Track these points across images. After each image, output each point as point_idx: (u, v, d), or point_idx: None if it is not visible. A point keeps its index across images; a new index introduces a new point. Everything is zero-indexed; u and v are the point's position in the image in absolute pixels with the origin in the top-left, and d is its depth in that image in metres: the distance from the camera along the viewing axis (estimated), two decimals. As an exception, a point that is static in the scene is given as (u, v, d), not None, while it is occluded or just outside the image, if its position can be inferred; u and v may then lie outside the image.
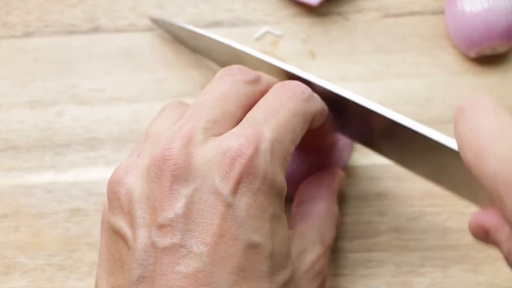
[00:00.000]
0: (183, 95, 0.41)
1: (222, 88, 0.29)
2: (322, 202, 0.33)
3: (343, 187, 0.36)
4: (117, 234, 0.27)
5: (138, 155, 0.28)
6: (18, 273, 0.37)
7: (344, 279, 0.36)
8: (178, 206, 0.25)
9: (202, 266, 0.25)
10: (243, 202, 0.26)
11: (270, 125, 0.27)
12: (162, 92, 0.41)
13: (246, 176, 0.26)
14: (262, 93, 0.30)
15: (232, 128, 0.28)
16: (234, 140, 0.26)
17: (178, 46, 0.42)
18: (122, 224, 0.27)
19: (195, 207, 0.25)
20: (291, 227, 0.31)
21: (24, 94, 0.42)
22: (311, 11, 0.43)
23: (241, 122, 0.28)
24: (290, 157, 0.28)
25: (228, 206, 0.25)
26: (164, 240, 0.25)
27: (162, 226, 0.25)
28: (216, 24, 0.43)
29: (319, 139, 0.34)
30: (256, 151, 0.26)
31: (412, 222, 0.37)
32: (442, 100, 0.40)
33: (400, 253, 0.36)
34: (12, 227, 0.38)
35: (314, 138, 0.33)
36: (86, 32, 0.43)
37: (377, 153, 0.35)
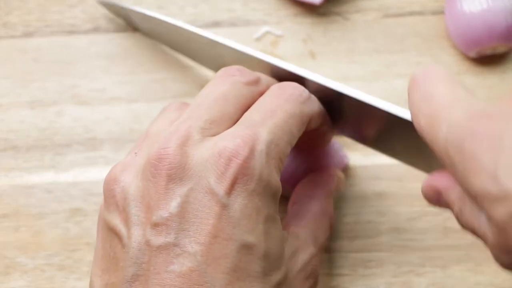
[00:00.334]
0: (183, 95, 0.41)
1: (221, 89, 0.29)
2: (317, 202, 0.33)
3: (342, 188, 0.36)
4: (112, 231, 0.27)
5: (136, 153, 0.29)
6: (18, 273, 0.37)
7: (344, 279, 0.36)
8: (173, 205, 0.25)
9: (196, 265, 0.25)
10: (237, 202, 0.26)
11: (266, 126, 0.27)
12: (162, 92, 0.41)
13: (241, 177, 0.26)
14: (261, 94, 0.30)
15: (229, 128, 0.28)
16: (230, 141, 0.26)
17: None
18: (117, 221, 0.27)
19: (189, 207, 0.26)
20: (285, 226, 0.32)
21: (24, 94, 0.42)
22: (311, 11, 0.43)
23: (237, 123, 0.28)
24: (286, 158, 0.28)
25: (223, 206, 0.25)
26: (158, 239, 0.25)
27: (156, 225, 0.25)
28: (216, 24, 0.43)
29: (316, 140, 0.34)
30: (251, 152, 0.26)
31: (412, 222, 0.37)
32: (442, 100, 0.40)
33: (400, 253, 0.36)
34: (12, 227, 0.38)
35: (311, 139, 0.33)
36: (86, 32, 0.43)
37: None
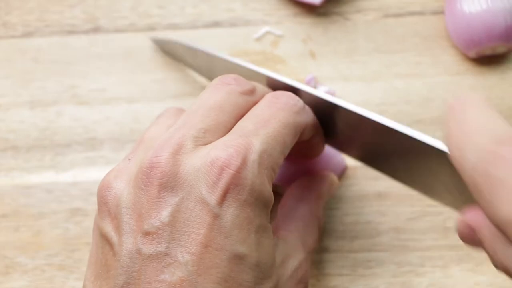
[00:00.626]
0: (183, 95, 0.41)
1: (217, 97, 0.29)
2: (306, 204, 0.33)
3: (334, 191, 0.36)
4: (104, 238, 0.27)
5: (129, 159, 0.28)
6: (18, 273, 0.37)
7: (344, 279, 0.36)
8: (164, 214, 0.25)
9: (187, 275, 0.25)
10: (229, 212, 0.26)
11: (259, 136, 0.27)
12: (162, 92, 0.41)
13: (233, 187, 0.26)
14: (256, 104, 0.30)
15: (223, 137, 0.28)
16: (223, 150, 0.26)
17: (178, 46, 0.42)
18: (109, 228, 0.27)
19: (181, 216, 0.25)
20: (275, 229, 0.31)
21: (24, 94, 0.42)
22: (311, 11, 0.43)
23: (230, 132, 0.28)
24: (278, 168, 0.28)
25: (214, 216, 0.25)
26: (149, 248, 0.25)
27: (147, 234, 0.25)
28: (216, 24, 0.43)
29: (308, 151, 0.34)
30: (244, 162, 0.26)
31: (412, 222, 0.37)
32: (442, 100, 0.40)
33: (400, 253, 0.36)
34: (12, 227, 0.38)
35: (304, 150, 0.33)
36: (86, 32, 0.43)
37: (367, 165, 0.34)
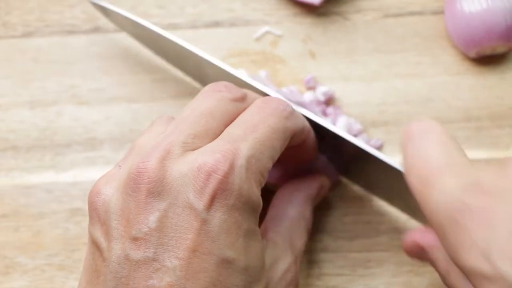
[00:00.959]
0: (183, 95, 0.41)
1: (207, 104, 0.29)
2: (294, 206, 0.33)
3: (325, 193, 0.36)
4: (94, 244, 0.27)
5: (120, 166, 0.28)
6: (18, 273, 0.37)
7: (344, 279, 0.36)
8: (152, 219, 0.25)
9: (175, 280, 0.25)
10: (217, 217, 0.26)
11: (247, 141, 0.27)
12: (162, 92, 0.41)
13: (220, 192, 0.26)
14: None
15: (210, 143, 0.28)
16: (210, 156, 0.26)
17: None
18: (98, 234, 0.27)
19: (168, 221, 0.25)
20: (264, 231, 0.32)
21: (24, 94, 0.42)
22: (311, 11, 0.43)
23: (218, 137, 0.28)
24: (267, 173, 0.28)
25: (202, 221, 0.25)
26: (137, 253, 0.25)
27: (135, 239, 0.25)
28: (216, 24, 0.43)
29: (301, 156, 0.34)
30: (231, 167, 0.26)
31: (412, 222, 0.37)
32: (442, 100, 0.40)
33: (400, 253, 0.36)
34: (12, 227, 0.38)
35: (296, 154, 0.33)
36: (86, 32, 0.43)
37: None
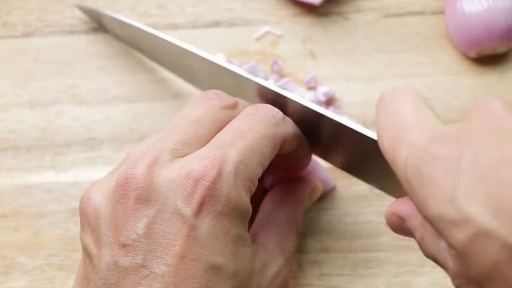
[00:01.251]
0: (183, 95, 0.41)
1: (197, 112, 0.29)
2: (284, 209, 0.33)
3: (316, 197, 0.36)
4: (85, 251, 0.27)
5: (112, 174, 0.29)
6: (18, 273, 0.37)
7: (344, 279, 0.36)
8: (140, 226, 0.25)
9: (164, 286, 0.25)
10: (205, 223, 0.26)
11: (236, 147, 0.27)
12: (162, 92, 0.41)
13: (208, 199, 0.26)
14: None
15: (199, 149, 0.28)
16: (198, 162, 0.26)
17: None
18: (89, 241, 0.27)
19: (157, 228, 0.26)
20: (254, 235, 0.32)
21: (23, 94, 0.42)
22: (311, 11, 0.43)
23: (207, 144, 0.28)
24: (257, 179, 0.28)
25: (190, 227, 0.25)
26: (126, 260, 0.25)
27: (124, 246, 0.25)
28: (216, 24, 0.43)
29: (295, 162, 0.34)
30: (219, 173, 0.26)
31: (412, 222, 0.37)
32: (442, 100, 0.40)
33: (400, 253, 0.36)
34: (12, 227, 0.38)
35: (290, 161, 0.33)
36: (85, 32, 0.43)
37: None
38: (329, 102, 0.40)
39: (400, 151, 0.24)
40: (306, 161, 0.34)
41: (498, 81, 0.41)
